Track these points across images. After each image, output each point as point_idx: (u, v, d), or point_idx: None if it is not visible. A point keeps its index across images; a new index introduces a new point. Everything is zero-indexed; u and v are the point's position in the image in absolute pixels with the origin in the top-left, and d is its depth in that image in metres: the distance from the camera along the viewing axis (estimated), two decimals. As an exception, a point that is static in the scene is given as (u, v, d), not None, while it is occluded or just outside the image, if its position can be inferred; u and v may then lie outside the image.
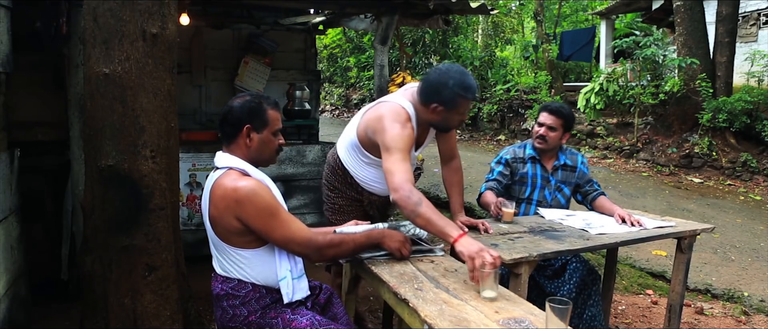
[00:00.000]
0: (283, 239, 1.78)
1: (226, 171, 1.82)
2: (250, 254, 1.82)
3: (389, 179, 2.01)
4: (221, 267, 1.88)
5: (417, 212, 1.92)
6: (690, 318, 3.53)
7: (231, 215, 1.75)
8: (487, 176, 2.98)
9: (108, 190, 2.13)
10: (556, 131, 2.83)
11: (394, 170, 2.00)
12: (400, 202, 1.96)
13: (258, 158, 1.89)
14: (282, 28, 5.12)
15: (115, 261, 2.14)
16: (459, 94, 2.13)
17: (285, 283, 1.85)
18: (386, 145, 2.09)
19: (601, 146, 9.71)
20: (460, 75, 2.15)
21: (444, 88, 2.14)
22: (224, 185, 1.77)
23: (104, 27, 2.07)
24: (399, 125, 2.12)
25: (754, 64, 9.89)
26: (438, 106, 2.17)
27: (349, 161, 2.43)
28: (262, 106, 1.87)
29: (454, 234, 1.85)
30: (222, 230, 1.80)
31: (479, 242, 1.81)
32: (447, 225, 1.90)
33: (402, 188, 1.95)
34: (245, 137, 1.85)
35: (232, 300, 1.84)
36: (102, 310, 2.21)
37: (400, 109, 2.19)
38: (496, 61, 13.16)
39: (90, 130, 2.18)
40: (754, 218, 6.01)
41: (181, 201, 3.75)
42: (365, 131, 2.29)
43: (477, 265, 1.69)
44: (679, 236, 2.59)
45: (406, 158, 2.06)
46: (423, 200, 1.93)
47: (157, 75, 2.15)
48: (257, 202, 1.74)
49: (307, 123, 5.08)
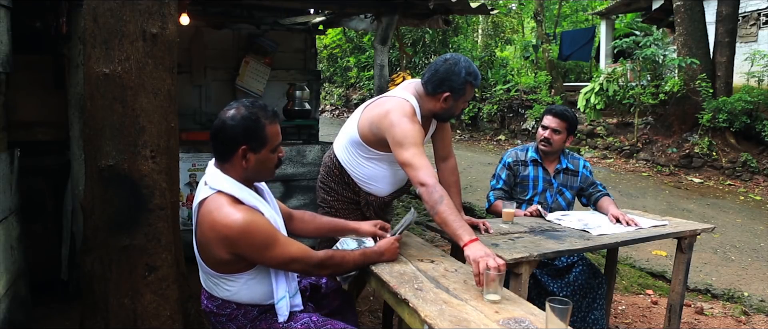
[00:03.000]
0: (283, 262, 1.71)
1: (215, 195, 1.67)
2: (235, 277, 1.73)
3: (412, 174, 2.04)
4: (206, 285, 1.82)
5: (436, 209, 1.96)
6: (690, 318, 3.53)
7: (221, 248, 1.64)
8: (492, 184, 2.97)
9: (108, 190, 2.13)
10: (560, 134, 2.84)
11: (417, 164, 2.03)
12: (424, 196, 2.00)
13: (255, 177, 1.77)
14: (282, 28, 5.11)
15: (115, 261, 2.14)
16: (469, 81, 2.22)
17: (284, 303, 1.78)
18: (398, 140, 2.09)
19: (601, 146, 9.71)
20: (468, 63, 2.24)
21: (456, 76, 2.20)
22: (212, 217, 1.63)
23: (104, 27, 2.07)
24: (407, 119, 2.13)
25: (754, 64, 9.89)
26: (449, 95, 2.22)
27: (347, 159, 2.39)
28: (259, 123, 1.66)
29: (465, 239, 1.87)
30: (210, 259, 1.71)
31: (487, 249, 1.83)
32: (460, 228, 1.92)
33: (427, 183, 2.00)
34: (241, 158, 1.68)
35: (218, 316, 1.81)
36: (102, 310, 2.21)
37: (405, 103, 2.20)
38: (496, 61, 13.17)
39: (90, 130, 2.18)
40: (754, 218, 6.01)
41: (181, 201, 3.75)
42: (369, 127, 2.26)
43: (481, 269, 1.71)
44: (679, 236, 2.59)
45: (423, 152, 2.08)
46: (444, 198, 1.97)
47: (157, 75, 2.14)
48: (253, 238, 1.62)
49: (307, 123, 5.08)
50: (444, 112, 2.30)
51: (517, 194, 2.92)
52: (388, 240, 2.00)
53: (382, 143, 2.23)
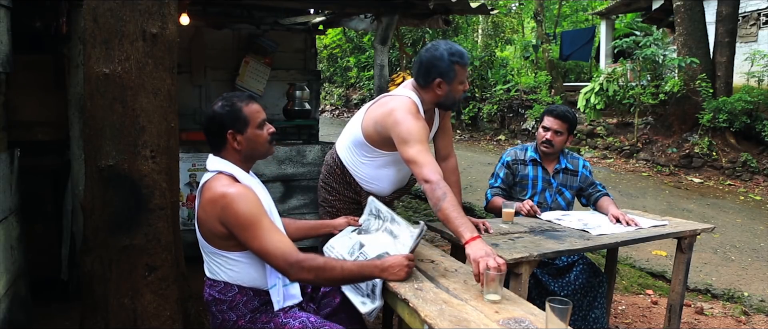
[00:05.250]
0: (259, 250, 1.73)
1: (216, 175, 1.82)
2: (236, 256, 1.81)
3: (417, 170, 2.04)
4: (209, 269, 1.87)
5: (439, 206, 1.95)
6: (690, 318, 3.53)
7: (216, 219, 1.75)
8: (491, 182, 2.97)
9: (108, 190, 2.13)
10: (561, 135, 2.84)
11: (421, 161, 2.03)
12: (428, 192, 1.99)
13: (253, 155, 1.89)
14: (282, 28, 5.12)
15: (115, 261, 2.14)
16: (454, 61, 2.20)
17: (275, 290, 1.83)
18: (403, 137, 2.10)
19: (601, 146, 9.71)
20: (448, 45, 2.23)
21: (440, 60, 2.20)
22: (213, 188, 1.77)
23: (104, 27, 2.07)
24: (411, 116, 2.14)
25: (754, 64, 9.89)
26: (440, 80, 2.22)
27: (349, 159, 2.40)
28: (235, 106, 1.83)
29: (467, 236, 1.85)
30: (208, 232, 1.80)
31: (488, 247, 1.80)
32: (462, 225, 1.89)
33: (431, 180, 1.99)
34: (232, 142, 1.83)
35: (220, 304, 1.83)
36: (102, 310, 2.21)
37: (408, 101, 2.21)
38: (496, 61, 13.15)
39: (90, 130, 2.18)
40: (754, 218, 6.01)
41: (181, 201, 3.75)
42: (374, 127, 2.26)
43: (481, 269, 1.69)
44: (679, 236, 2.59)
45: (427, 148, 2.09)
46: (447, 194, 1.96)
47: (157, 75, 2.15)
48: (238, 210, 1.71)
49: (307, 123, 5.08)
50: (444, 100, 2.28)
51: (516, 194, 2.92)
52: (398, 257, 1.82)
53: (387, 142, 2.23)
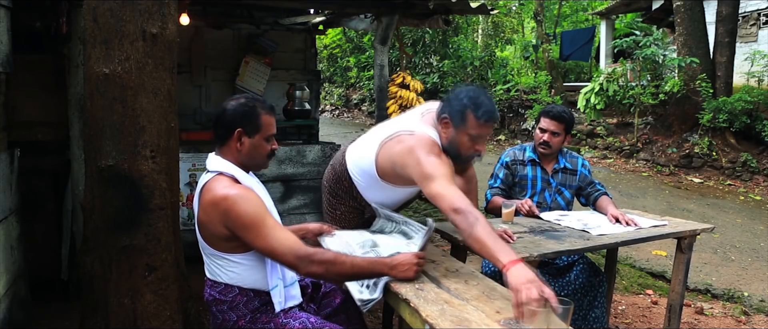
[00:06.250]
0: (266, 249, 1.72)
1: (216, 176, 1.79)
2: (237, 258, 1.79)
3: (443, 204, 1.88)
4: (209, 271, 1.86)
5: (472, 234, 1.77)
6: (690, 318, 3.53)
7: (218, 221, 1.73)
8: (490, 183, 2.96)
9: (108, 190, 2.13)
10: (559, 136, 2.83)
11: (446, 193, 1.87)
12: (458, 223, 1.82)
13: (249, 163, 1.85)
14: (282, 28, 5.12)
15: (115, 261, 2.14)
16: (467, 106, 2.03)
17: (277, 291, 1.82)
18: (426, 174, 1.96)
19: (601, 146, 9.71)
20: (476, 92, 2.08)
21: (456, 99, 2.07)
22: (214, 190, 1.74)
23: (104, 27, 2.07)
24: (434, 155, 2.00)
25: (754, 64, 9.89)
26: (446, 119, 2.08)
27: (358, 182, 2.31)
28: (256, 110, 1.80)
29: (504, 260, 1.64)
30: (209, 234, 1.78)
31: (532, 274, 1.58)
32: (500, 250, 1.70)
33: (459, 208, 1.82)
34: (236, 141, 1.80)
35: (220, 305, 1.83)
36: (102, 310, 2.21)
37: (429, 139, 2.07)
38: (496, 61, 13.15)
39: (90, 130, 2.18)
40: (754, 218, 6.01)
41: (181, 201, 3.75)
42: (392, 166, 2.12)
43: (523, 300, 1.48)
44: (679, 236, 2.59)
45: (452, 181, 1.96)
46: (479, 219, 1.79)
47: (157, 75, 2.15)
48: (241, 211, 1.69)
49: (307, 123, 5.08)
50: (448, 144, 2.10)
51: (515, 194, 2.92)
52: (407, 255, 1.81)
53: (403, 180, 2.12)
